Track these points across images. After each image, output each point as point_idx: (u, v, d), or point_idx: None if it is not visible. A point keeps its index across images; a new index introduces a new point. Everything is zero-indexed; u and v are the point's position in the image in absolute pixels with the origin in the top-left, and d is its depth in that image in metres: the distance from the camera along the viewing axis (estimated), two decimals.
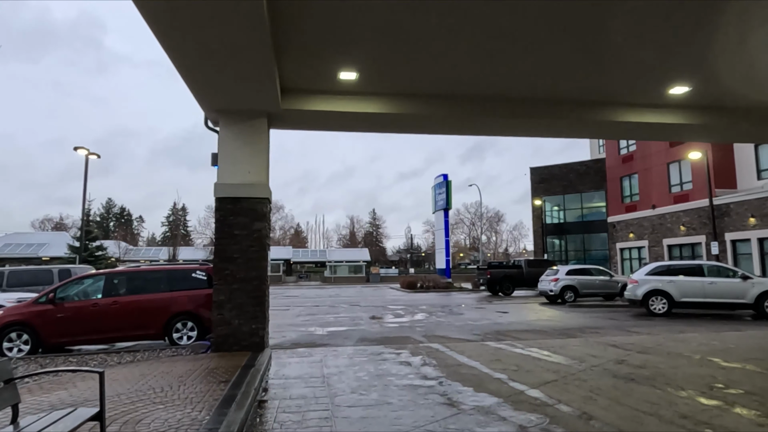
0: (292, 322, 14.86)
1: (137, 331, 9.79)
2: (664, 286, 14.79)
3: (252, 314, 8.80)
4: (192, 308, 10.03)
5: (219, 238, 8.90)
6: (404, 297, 27.01)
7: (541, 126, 10.36)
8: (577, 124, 10.33)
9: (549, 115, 9.89)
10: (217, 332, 8.68)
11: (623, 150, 29.55)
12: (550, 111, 9.86)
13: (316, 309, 19.40)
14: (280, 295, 29.79)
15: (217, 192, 8.95)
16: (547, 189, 35.08)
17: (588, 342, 9.86)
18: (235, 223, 8.93)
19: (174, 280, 10.32)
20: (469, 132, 11.04)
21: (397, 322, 14.52)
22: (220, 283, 8.80)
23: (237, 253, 8.87)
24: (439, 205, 38.15)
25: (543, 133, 11.03)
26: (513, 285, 26.78)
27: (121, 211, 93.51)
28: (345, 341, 10.66)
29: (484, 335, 11.33)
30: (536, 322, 13.92)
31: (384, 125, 10.17)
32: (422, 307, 19.50)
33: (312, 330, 12.78)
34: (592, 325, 12.95)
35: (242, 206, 8.98)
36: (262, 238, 9.00)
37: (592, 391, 5.94)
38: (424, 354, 8.70)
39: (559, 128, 10.54)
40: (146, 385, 5.99)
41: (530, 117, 9.86)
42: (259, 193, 9.06)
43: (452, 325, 13.35)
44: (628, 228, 28.90)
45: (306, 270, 61.78)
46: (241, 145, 9.16)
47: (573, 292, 20.47)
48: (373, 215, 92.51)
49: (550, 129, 10.55)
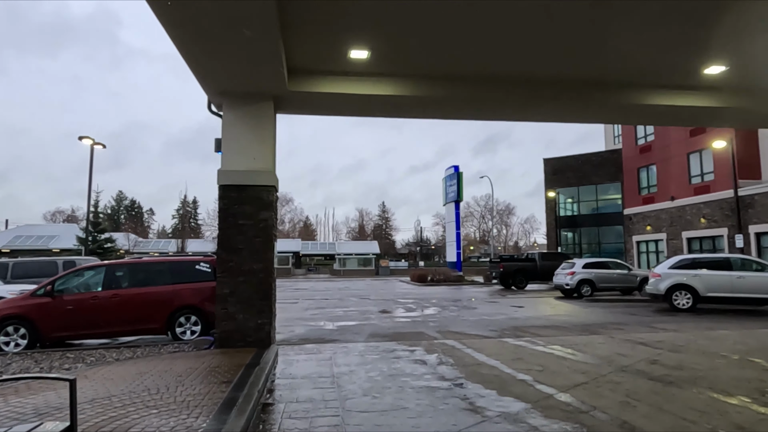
0: (301, 315, 14.41)
1: (139, 325, 9.37)
2: (689, 280, 14.12)
3: (258, 308, 8.33)
4: (196, 302, 9.59)
5: (223, 228, 8.43)
6: (415, 290, 26.51)
7: (564, 109, 9.74)
8: (602, 108, 9.70)
9: (573, 97, 9.26)
10: (220, 327, 8.23)
11: (641, 140, 28.69)
12: (574, 93, 9.23)
13: (325, 302, 18.96)
14: (288, 288, 29.42)
15: (220, 179, 8.46)
16: (561, 180, 34.26)
17: (613, 339, 9.28)
18: (240, 212, 8.45)
19: (177, 273, 9.88)
20: (487, 116, 10.42)
21: (408, 316, 14.01)
22: (224, 276, 8.33)
23: (242, 244, 8.40)
24: (450, 197, 37.52)
25: (566, 117, 10.40)
26: (526, 278, 26.17)
27: (132, 203, 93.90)
28: (355, 337, 10.17)
29: (502, 331, 10.78)
30: (554, 318, 13.34)
31: (398, 109, 9.60)
32: (433, 301, 18.99)
33: (321, 324, 12.32)
34: (614, 321, 12.34)
35: (247, 194, 8.49)
36: (269, 228, 8.51)
37: (628, 395, 5.39)
38: (439, 351, 8.18)
39: (583, 112, 9.92)
40: (142, 386, 5.54)
41: (554, 99, 9.24)
42: (265, 180, 8.56)
43: (466, 320, 12.81)
44: (645, 220, 28.10)
45: (315, 263, 61.55)
46: (246, 130, 8.66)
47: (590, 286, 19.83)
48: (382, 208, 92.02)
49: (573, 112, 9.93)
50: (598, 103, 9.45)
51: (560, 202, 34.67)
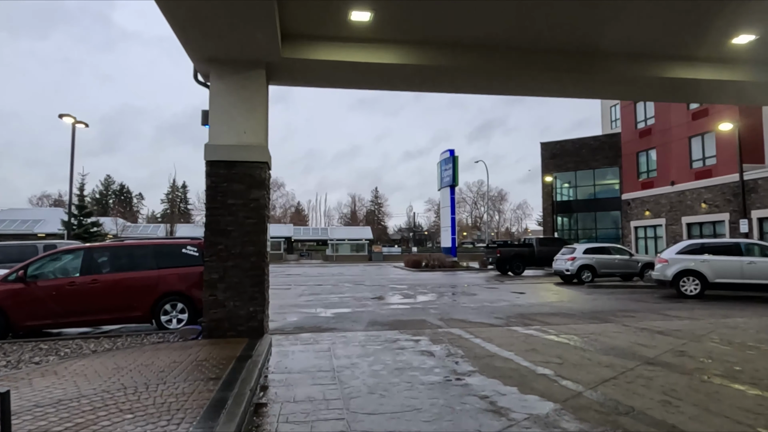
0: (295, 302, 13.79)
1: (121, 313, 8.67)
2: (697, 265, 13.64)
3: (249, 295, 7.68)
4: (182, 288, 8.91)
5: (211, 208, 7.72)
6: (410, 276, 25.97)
7: (580, 82, 9.07)
8: (621, 81, 9.04)
9: (589, 69, 8.60)
10: (209, 316, 7.56)
11: (640, 124, 28.12)
12: (590, 64, 8.57)
13: (319, 288, 18.35)
14: (281, 274, 28.76)
15: (207, 154, 7.74)
16: (558, 165, 33.70)
17: (628, 328, 8.75)
18: (229, 190, 7.74)
19: (162, 257, 9.17)
20: (498, 90, 9.68)
21: (407, 303, 13.43)
22: (213, 260, 7.65)
23: (231, 225, 7.71)
24: (445, 181, 36.86)
25: (580, 92, 9.72)
26: (524, 264, 25.71)
27: (121, 188, 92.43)
28: (354, 325, 9.56)
29: (508, 319, 10.23)
30: (559, 304, 12.82)
31: (400, 80, 8.87)
32: (431, 287, 18.44)
33: (316, 312, 11.70)
34: (622, 308, 11.84)
35: (237, 171, 7.78)
36: (261, 209, 7.82)
37: (666, 393, 4.82)
38: (446, 341, 7.59)
39: (599, 85, 9.26)
40: (118, 383, 4.88)
41: (569, 72, 8.57)
42: (257, 156, 7.84)
43: (468, 307, 12.26)
44: (643, 205, 27.66)
45: (307, 248, 60.80)
46: (236, 101, 7.91)
47: (591, 271, 19.37)
48: (375, 193, 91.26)
49: (588, 86, 9.26)
50: (616, 76, 8.78)
51: (557, 187, 34.16)
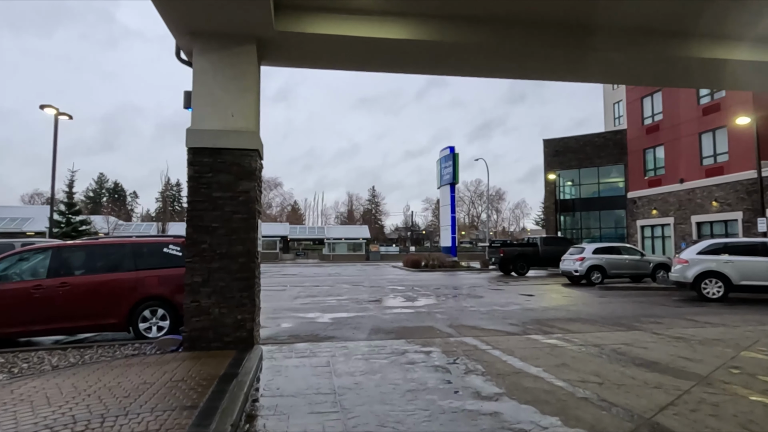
0: (290, 305, 12.85)
1: (94, 320, 7.71)
2: (720, 266, 12.78)
3: (237, 301, 6.74)
4: (163, 292, 7.97)
5: (193, 202, 6.78)
6: (410, 277, 25.06)
7: (611, 63, 8.16)
8: (657, 62, 8.14)
9: (623, 47, 7.70)
10: (190, 325, 6.62)
11: (647, 120, 27.28)
12: (625, 42, 7.66)
13: (315, 289, 17.41)
14: (276, 274, 27.81)
15: (189, 141, 6.80)
16: (561, 162, 32.84)
17: (660, 337, 7.85)
18: (215, 181, 6.80)
19: (141, 257, 8.22)
20: (519, 73, 8.64)
21: (410, 306, 12.51)
22: (195, 261, 6.71)
23: (217, 222, 6.77)
24: (444, 179, 35.95)
25: (610, 75, 8.81)
26: (528, 264, 24.84)
27: (115, 186, 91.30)
28: (355, 333, 8.64)
29: (524, 326, 9.33)
30: (575, 309, 11.93)
31: (412, 60, 7.93)
32: (433, 289, 17.53)
33: (313, 316, 10.76)
34: (645, 313, 10.96)
35: (224, 160, 6.84)
36: (250, 202, 6.88)
37: (745, 425, 3.92)
38: (461, 354, 6.68)
39: (630, 67, 8.34)
40: (68, 415, 3.94)
41: (601, 50, 7.67)
42: (246, 143, 6.91)
43: (477, 312, 11.35)
44: (650, 204, 26.84)
45: (303, 247, 59.86)
46: (223, 80, 6.97)
47: (601, 272, 18.50)
48: (372, 192, 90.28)
49: (619, 67, 8.34)
50: (652, 56, 7.89)
51: (560, 185, 33.30)
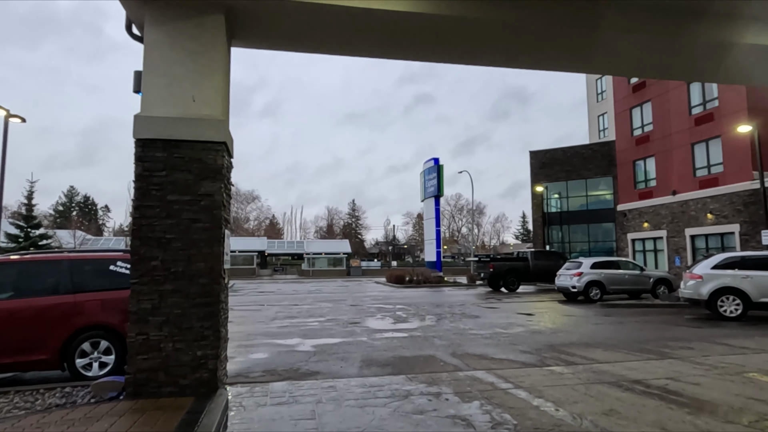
0: (266, 329, 11.35)
1: (15, 356, 6.14)
2: (738, 282, 11.78)
3: (196, 333, 5.31)
4: (109, 319, 6.48)
5: (141, 207, 5.36)
6: (395, 294, 23.69)
7: (641, 48, 7.05)
8: (687, 46, 7.08)
9: (655, 29, 6.61)
10: (135, 365, 5.16)
11: (637, 131, 26.67)
12: (656, 22, 6.58)
13: (295, 309, 15.90)
14: (252, 291, 26.13)
15: (138, 130, 5.40)
16: (548, 175, 32.04)
17: (705, 369, 6.66)
18: (170, 182, 5.41)
19: (82, 276, 6.71)
20: (533, 62, 7.43)
21: (403, 329, 11.15)
22: (143, 282, 5.28)
23: (172, 232, 5.36)
24: (429, 192, 34.90)
25: (642, 68, 7.71)
26: (518, 279, 23.75)
27: (85, 199, 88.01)
28: (343, 366, 7.23)
29: (538, 354, 8.06)
30: (585, 331, 10.73)
31: (408, 41, 6.68)
32: (423, 307, 16.21)
33: (292, 343, 9.31)
34: (666, 336, 9.81)
35: (182, 155, 5.46)
36: (215, 208, 5.50)
37: None
38: (478, 395, 5.36)
39: (660, 52, 7.26)
40: None
41: (634, 31, 6.56)
42: (211, 133, 5.54)
43: (479, 336, 10.05)
44: (641, 217, 26.10)
45: (282, 263, 57.98)
46: (183, 57, 5.62)
47: (599, 288, 17.44)
48: (352, 206, 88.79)
49: (651, 52, 7.24)
50: (684, 38, 6.82)
51: (547, 198, 32.49)
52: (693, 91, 23.03)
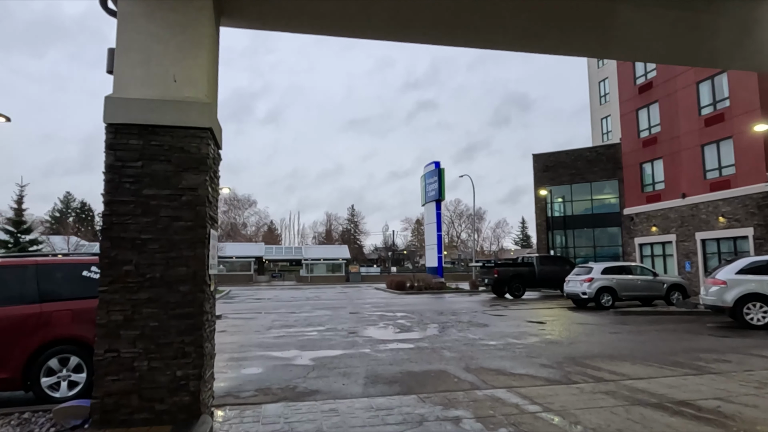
0: (260, 339, 10.58)
1: None
2: (765, 288, 11.06)
3: (176, 349, 4.55)
4: (80, 332, 5.73)
5: (112, 203, 4.61)
6: (397, 300, 22.91)
7: (668, 25, 6.35)
8: (713, 24, 6.37)
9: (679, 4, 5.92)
10: (104, 387, 4.39)
11: (644, 132, 26.03)
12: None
13: (292, 317, 15.11)
14: (248, 298, 25.33)
15: (109, 114, 4.66)
16: (551, 178, 31.34)
17: (755, 387, 5.91)
18: (146, 174, 4.66)
19: (51, 282, 5.95)
20: (552, 46, 6.79)
21: (408, 340, 10.38)
22: (114, 290, 4.52)
23: (148, 232, 4.61)
24: (430, 196, 34.20)
25: (662, 52, 7.00)
26: (523, 285, 23.00)
27: (82, 205, 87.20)
28: (346, 384, 6.47)
29: (560, 368, 7.30)
30: (606, 341, 9.98)
31: (418, 19, 5.97)
32: (427, 315, 15.43)
33: (289, 356, 8.54)
34: (696, 347, 9.06)
35: (161, 143, 4.72)
36: (199, 204, 4.75)
37: None
38: (503, 422, 4.61)
39: (691, 29, 6.56)
40: None
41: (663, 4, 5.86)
42: (194, 118, 4.81)
43: (492, 347, 9.29)
44: (649, 220, 25.39)
45: (280, 269, 57.09)
46: (162, 30, 4.89)
47: (611, 294, 16.69)
48: (351, 212, 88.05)
49: (678, 31, 6.54)
50: (715, 12, 6.12)
51: (551, 202, 31.78)
52: (702, 90, 22.38)
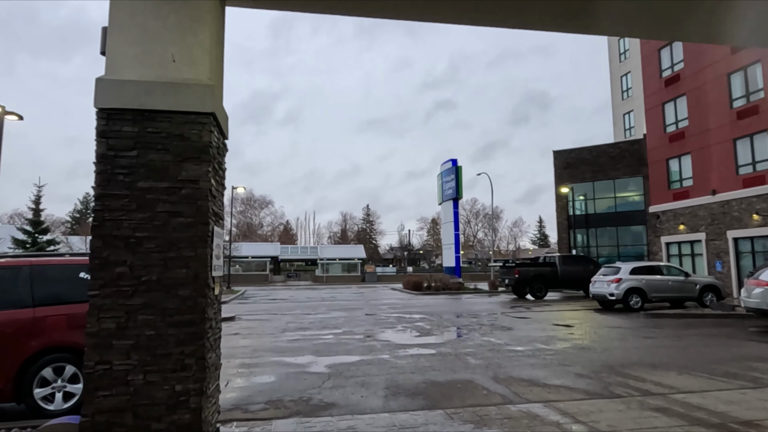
0: (274, 343, 10.10)
1: None
2: None
3: (175, 361, 4.05)
4: (76, 339, 5.25)
5: (104, 197, 4.13)
6: (414, 301, 22.33)
7: None
8: None
9: None
10: (94, 404, 3.91)
11: (671, 127, 25.03)
12: None
13: (307, 319, 14.63)
14: (264, 298, 24.98)
15: (100, 98, 4.18)
16: (573, 175, 30.43)
17: None
18: (142, 164, 4.17)
19: (44, 285, 5.51)
20: (580, 26, 6.16)
21: (429, 344, 9.80)
22: (106, 294, 4.05)
23: (144, 230, 4.12)
24: (447, 194, 33.52)
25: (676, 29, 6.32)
26: (546, 286, 22.21)
27: None
28: (365, 396, 5.92)
29: (598, 377, 6.66)
30: (640, 346, 9.29)
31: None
32: (447, 317, 14.83)
33: (303, 362, 8.03)
34: (745, 355, 8.34)
35: (158, 129, 4.23)
36: (201, 198, 4.24)
37: None
38: None
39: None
40: None
41: None
42: (195, 101, 4.30)
43: (519, 353, 8.67)
44: (676, 218, 24.41)
45: (295, 268, 56.93)
46: (160, 6, 4.40)
47: (640, 296, 15.89)
48: (366, 211, 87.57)
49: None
50: None
51: (571, 199, 30.87)
52: (734, 82, 21.37)
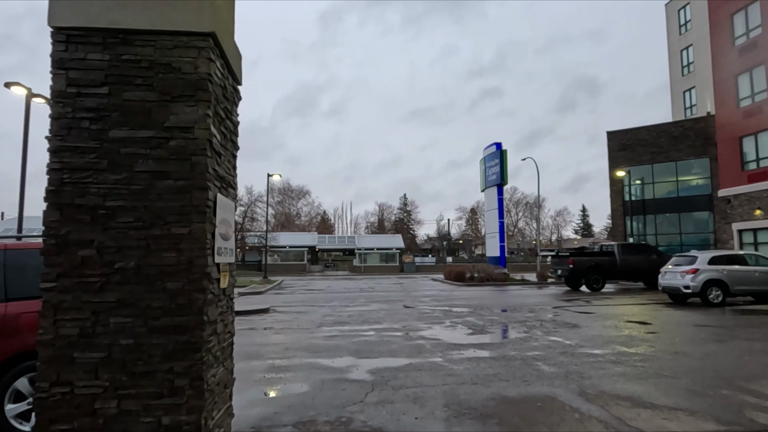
0: (309, 341, 8.95)
1: None
2: None
3: (161, 384, 2.86)
4: None
5: (62, 152, 2.96)
6: (458, 293, 20.90)
7: None
8: None
9: None
10: None
11: (745, 101, 22.48)
12: None
13: (345, 312, 13.48)
14: (301, 289, 24.10)
15: (57, 12, 2.99)
16: (629, 158, 28.05)
17: None
18: (114, 105, 2.97)
19: (19, 274, 4.48)
20: None
21: (486, 344, 8.43)
22: (66, 287, 2.88)
23: (118, 196, 2.93)
24: (490, 180, 31.68)
25: None
26: (603, 277, 20.31)
27: None
28: (420, 418, 4.63)
29: (718, 394, 5.15)
30: (747, 350, 7.62)
31: None
32: (498, 311, 13.38)
33: (341, 366, 6.82)
34: None
35: (136, 56, 3.02)
36: (197, 153, 3.01)
37: None
38: None
39: None
40: None
41: None
42: (188, 18, 3.06)
43: (599, 358, 7.19)
44: (751, 203, 21.97)
45: (333, 258, 56.33)
46: None
47: (721, 289, 13.96)
48: (404, 201, 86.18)
49: None
50: None
51: (628, 184, 28.57)
52: None
